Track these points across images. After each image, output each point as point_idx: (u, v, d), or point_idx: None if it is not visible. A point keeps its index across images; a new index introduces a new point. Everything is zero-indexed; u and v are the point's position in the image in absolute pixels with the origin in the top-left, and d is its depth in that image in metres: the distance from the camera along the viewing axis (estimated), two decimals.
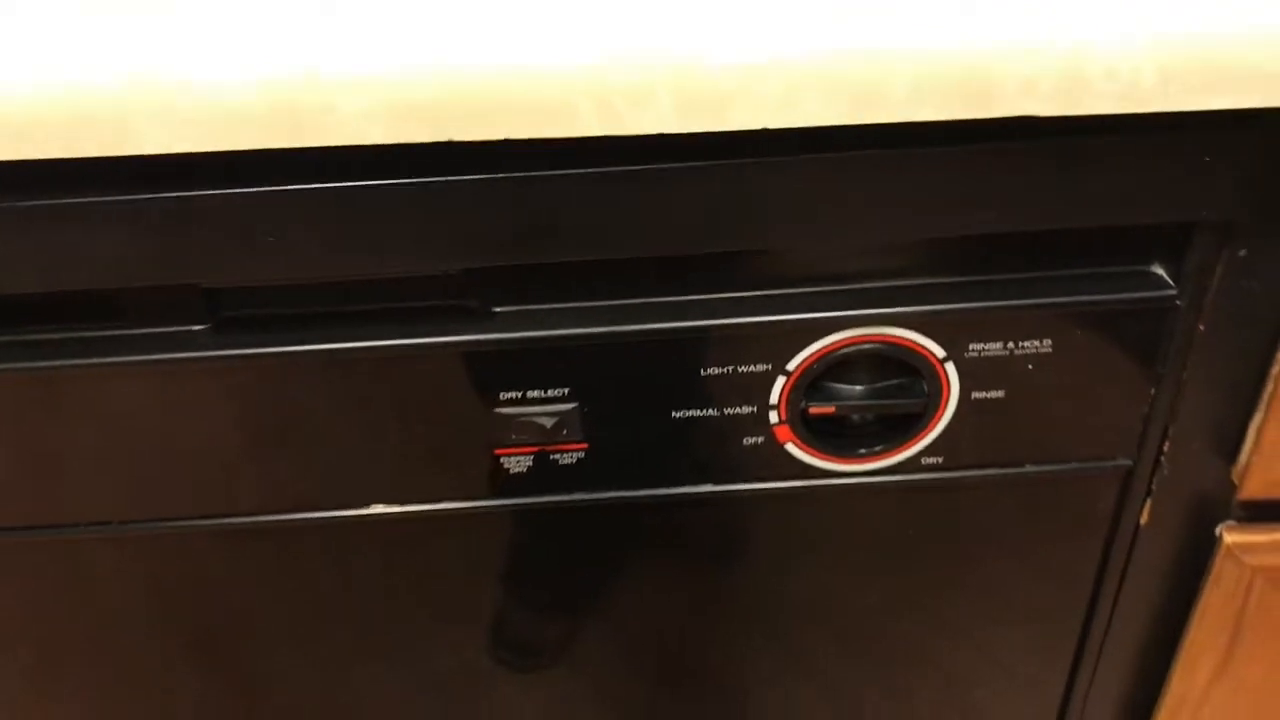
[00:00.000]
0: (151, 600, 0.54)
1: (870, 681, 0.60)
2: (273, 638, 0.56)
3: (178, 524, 0.49)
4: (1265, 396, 0.48)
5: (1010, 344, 0.46)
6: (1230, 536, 0.52)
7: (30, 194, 0.39)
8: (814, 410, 0.47)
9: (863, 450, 0.48)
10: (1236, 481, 0.50)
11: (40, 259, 0.41)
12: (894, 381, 0.47)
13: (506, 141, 0.37)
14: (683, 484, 0.49)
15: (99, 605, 0.53)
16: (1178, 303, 0.45)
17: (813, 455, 0.48)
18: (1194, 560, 0.54)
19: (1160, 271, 0.46)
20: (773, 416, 0.47)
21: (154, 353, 0.44)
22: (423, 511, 0.49)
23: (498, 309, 0.45)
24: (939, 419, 0.48)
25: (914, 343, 0.45)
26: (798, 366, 0.46)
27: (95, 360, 0.45)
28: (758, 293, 0.45)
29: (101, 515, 0.49)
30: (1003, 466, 0.49)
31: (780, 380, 0.46)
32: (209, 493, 0.49)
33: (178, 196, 0.39)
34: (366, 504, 0.49)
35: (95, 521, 0.49)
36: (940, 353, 0.46)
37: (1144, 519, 0.52)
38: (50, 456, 0.47)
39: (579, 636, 0.57)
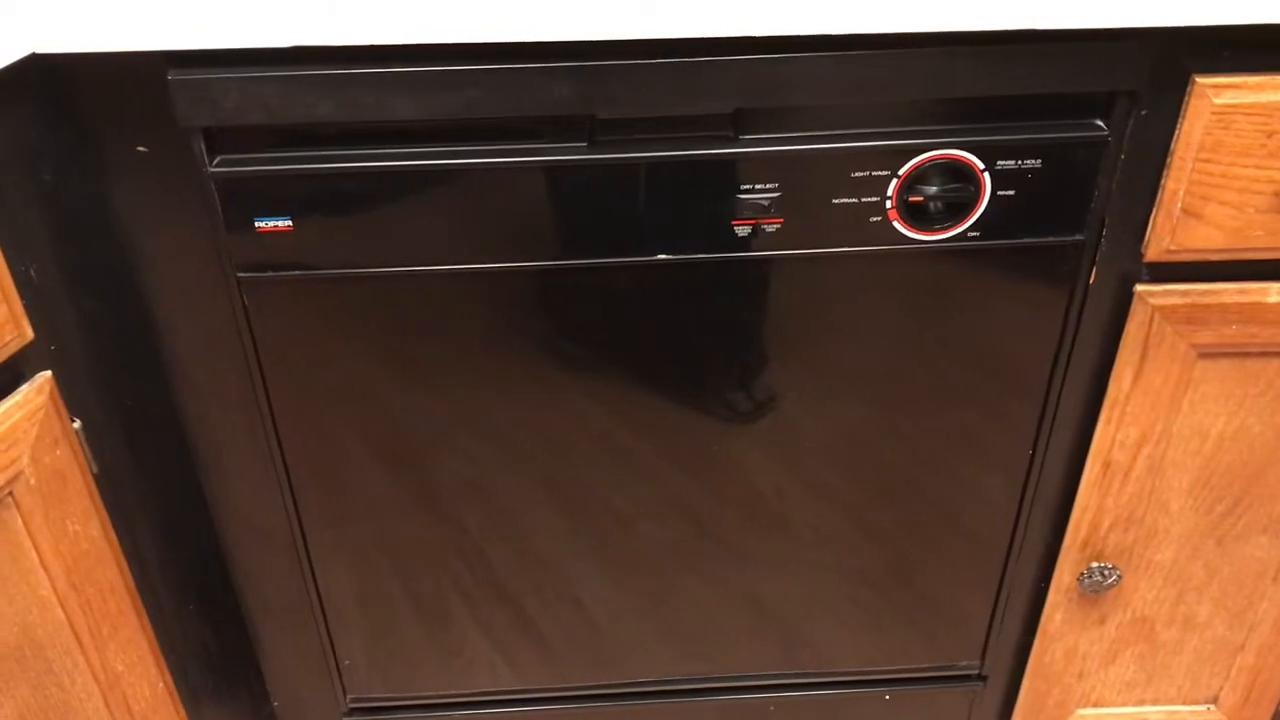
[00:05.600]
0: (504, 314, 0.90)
1: (896, 398, 0.97)
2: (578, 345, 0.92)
3: (530, 264, 0.86)
4: (1157, 199, 0.86)
5: (1019, 162, 0.84)
6: (1140, 288, 0.90)
7: (518, 60, 0.76)
8: (912, 199, 0.84)
9: (936, 226, 0.86)
10: (1144, 253, 0.89)
11: (506, 96, 0.78)
12: (955, 185, 0.84)
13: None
14: (836, 245, 0.87)
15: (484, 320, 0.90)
16: (1109, 140, 0.83)
17: (907, 229, 0.86)
18: (1120, 307, 0.92)
19: (1100, 123, 0.84)
20: (888, 204, 0.85)
21: (554, 155, 0.81)
22: (686, 259, 0.86)
23: (742, 136, 0.82)
24: (978, 207, 0.85)
25: (967, 159, 0.83)
26: (905, 172, 0.83)
27: (517, 160, 0.81)
28: (888, 129, 0.83)
29: (490, 259, 0.86)
30: (1013, 238, 0.87)
31: (894, 181, 0.84)
32: (559, 243, 0.85)
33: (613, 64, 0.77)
34: (655, 253, 0.86)
35: (484, 262, 0.86)
36: (981, 165, 0.83)
37: (1092, 279, 0.90)
38: (469, 217, 0.84)
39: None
